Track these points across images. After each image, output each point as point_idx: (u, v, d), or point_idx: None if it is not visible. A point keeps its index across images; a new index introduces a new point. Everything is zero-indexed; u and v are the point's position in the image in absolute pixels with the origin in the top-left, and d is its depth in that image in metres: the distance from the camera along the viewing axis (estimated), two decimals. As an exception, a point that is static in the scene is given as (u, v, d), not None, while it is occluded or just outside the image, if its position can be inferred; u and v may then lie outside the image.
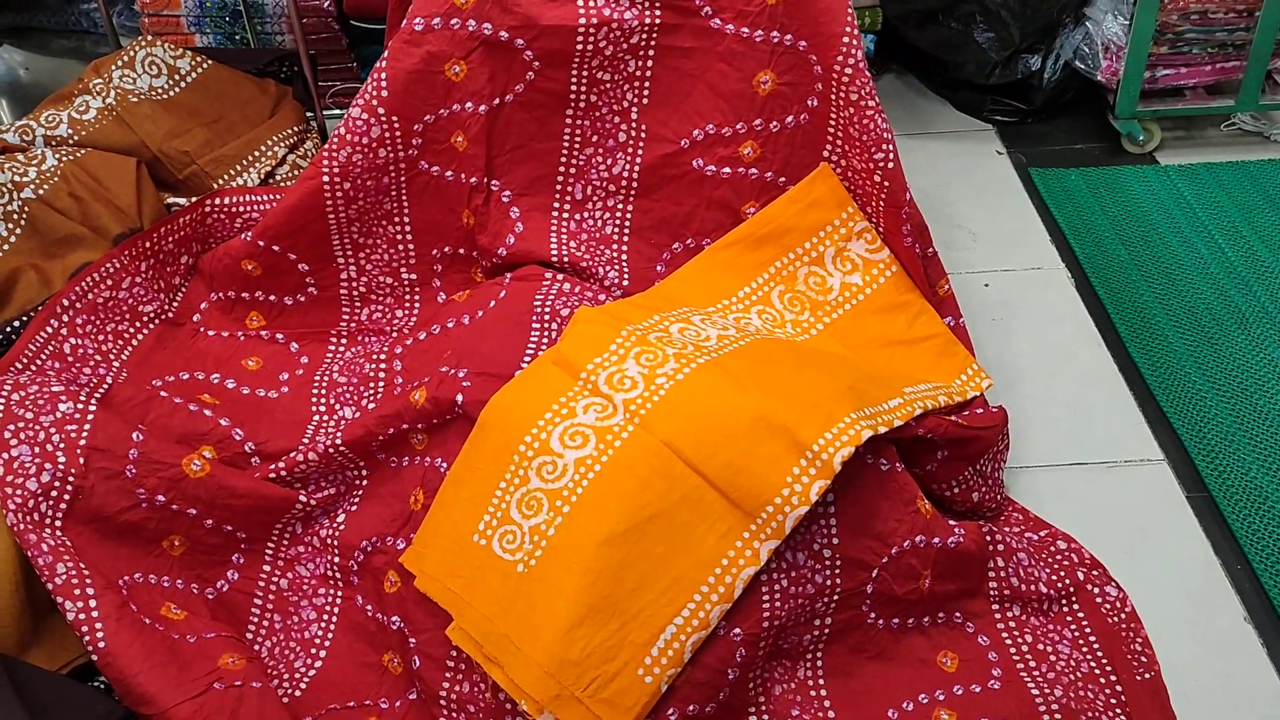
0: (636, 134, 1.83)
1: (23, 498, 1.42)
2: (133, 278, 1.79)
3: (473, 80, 1.75)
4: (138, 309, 1.79)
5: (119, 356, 1.73)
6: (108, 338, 1.74)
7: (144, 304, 1.80)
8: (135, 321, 1.78)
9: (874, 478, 1.48)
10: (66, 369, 1.66)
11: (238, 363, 1.78)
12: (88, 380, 1.64)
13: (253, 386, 1.74)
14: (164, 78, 2.03)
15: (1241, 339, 2.00)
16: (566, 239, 1.87)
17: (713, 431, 1.41)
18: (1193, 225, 2.27)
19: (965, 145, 2.55)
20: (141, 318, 1.79)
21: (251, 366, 1.77)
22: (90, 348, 1.71)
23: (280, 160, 2.02)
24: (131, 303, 1.78)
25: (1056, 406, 1.89)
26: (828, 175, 1.80)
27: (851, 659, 1.50)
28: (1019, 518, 1.70)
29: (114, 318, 1.76)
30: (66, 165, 1.85)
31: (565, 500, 1.41)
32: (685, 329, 1.61)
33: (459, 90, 1.76)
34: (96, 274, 1.75)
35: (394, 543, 1.54)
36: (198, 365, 1.75)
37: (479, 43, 1.73)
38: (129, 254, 1.79)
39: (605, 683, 1.32)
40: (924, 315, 1.78)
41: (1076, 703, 1.46)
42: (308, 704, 1.48)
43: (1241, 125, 2.54)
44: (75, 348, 1.69)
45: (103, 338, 1.73)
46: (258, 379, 1.76)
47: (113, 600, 1.41)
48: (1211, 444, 1.82)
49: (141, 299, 1.80)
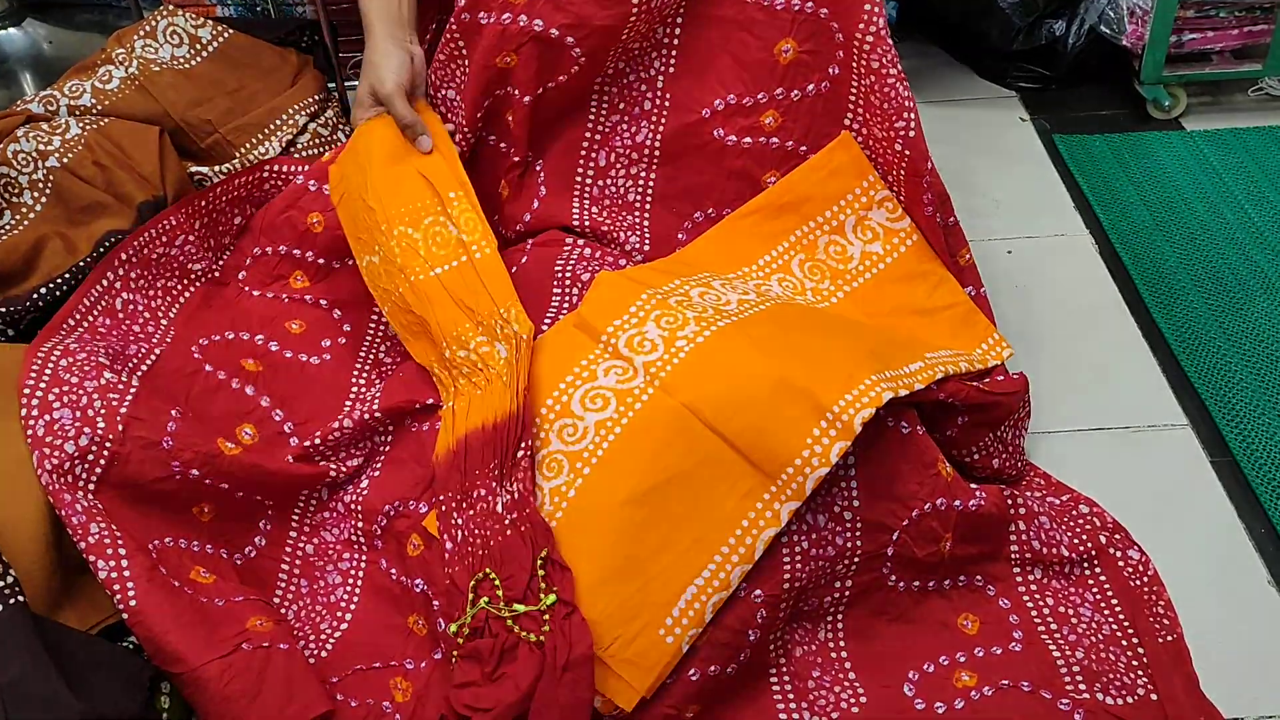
0: (661, 102, 1.83)
1: (59, 459, 1.44)
2: (186, 235, 1.81)
3: (522, 70, 1.76)
4: (188, 266, 1.81)
5: (167, 314, 1.75)
6: (157, 294, 1.76)
7: (194, 261, 1.82)
8: (184, 278, 1.81)
9: (895, 440, 1.48)
10: (117, 325, 1.68)
11: (281, 324, 1.79)
12: (137, 343, 1.66)
13: (295, 350, 1.76)
14: (185, 47, 2.04)
15: (1267, 304, 1.99)
16: (589, 204, 1.87)
17: (733, 393, 1.42)
18: (1219, 191, 2.25)
19: (989, 112, 2.53)
20: (190, 275, 1.81)
21: (295, 330, 1.78)
22: (141, 303, 1.73)
23: (301, 129, 2.02)
24: (182, 260, 1.80)
25: (1080, 372, 1.88)
26: (849, 144, 1.79)
27: (872, 621, 1.51)
28: (1041, 482, 1.70)
29: (164, 274, 1.78)
30: (90, 134, 1.86)
31: (586, 462, 1.41)
32: (706, 293, 1.61)
33: (509, 77, 1.78)
34: (154, 229, 1.77)
35: (416, 506, 1.55)
36: (243, 325, 1.77)
37: (529, 38, 1.73)
38: (185, 212, 1.81)
39: (627, 643, 1.33)
40: (945, 284, 1.77)
41: (1098, 665, 1.46)
42: (334, 665, 1.50)
43: (1269, 90, 2.50)
44: (127, 303, 1.71)
45: (153, 293, 1.75)
46: (301, 343, 1.77)
47: (143, 562, 1.43)
48: (1236, 408, 1.80)
49: (192, 256, 1.82)
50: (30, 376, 1.50)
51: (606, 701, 1.34)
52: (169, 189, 1.86)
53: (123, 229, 1.78)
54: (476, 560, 1.38)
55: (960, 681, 1.46)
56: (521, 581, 1.34)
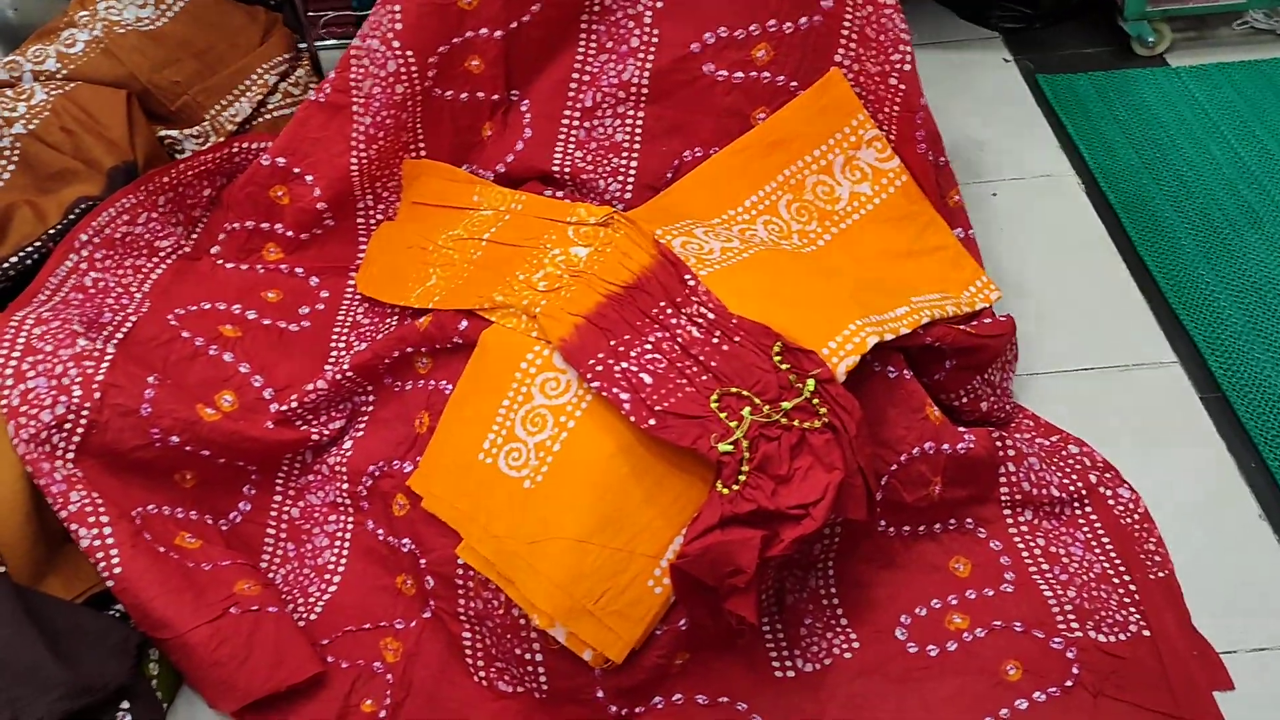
0: (649, 39, 1.79)
1: (36, 429, 1.42)
2: (149, 213, 1.78)
3: (487, 7, 1.72)
4: (154, 244, 1.79)
5: (140, 288, 1.73)
6: (126, 272, 1.74)
7: (161, 239, 1.80)
8: (153, 256, 1.78)
9: (882, 385, 1.47)
10: (89, 299, 1.66)
11: (258, 294, 1.77)
12: (111, 312, 1.64)
13: (273, 318, 1.74)
14: (150, 8, 1.99)
15: (1255, 239, 1.97)
16: (573, 149, 1.84)
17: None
18: (1205, 126, 2.22)
19: (971, 54, 2.49)
20: (159, 253, 1.79)
21: (272, 299, 1.77)
22: (111, 280, 1.71)
23: (272, 89, 1.98)
24: (148, 238, 1.78)
25: (1068, 313, 1.87)
26: (839, 81, 1.76)
27: (863, 567, 1.50)
28: (1030, 424, 1.69)
29: (131, 253, 1.76)
30: (56, 99, 1.82)
31: (570, 415, 1.40)
32: (688, 243, 1.59)
33: (473, 18, 1.73)
34: (114, 209, 1.74)
35: (400, 466, 1.54)
36: (219, 296, 1.75)
37: None
38: (146, 189, 1.78)
39: (616, 594, 1.32)
40: (933, 226, 1.75)
41: (1090, 603, 1.46)
42: (324, 627, 1.50)
43: (1254, 23, 2.47)
44: (96, 280, 1.69)
45: (121, 272, 1.73)
46: (278, 311, 1.75)
47: (126, 529, 1.42)
48: (1225, 344, 1.79)
49: (158, 234, 1.79)
50: (3, 346, 1.48)
51: (597, 654, 1.33)
52: (139, 153, 1.83)
53: (93, 195, 1.75)
54: (700, 387, 1.36)
55: (952, 624, 1.46)
56: (773, 383, 1.35)
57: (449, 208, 1.77)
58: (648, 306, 1.44)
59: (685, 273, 1.47)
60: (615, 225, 1.58)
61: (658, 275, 1.47)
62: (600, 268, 1.51)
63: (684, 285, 1.46)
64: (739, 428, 1.31)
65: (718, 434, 1.31)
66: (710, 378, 1.36)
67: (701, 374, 1.37)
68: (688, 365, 1.38)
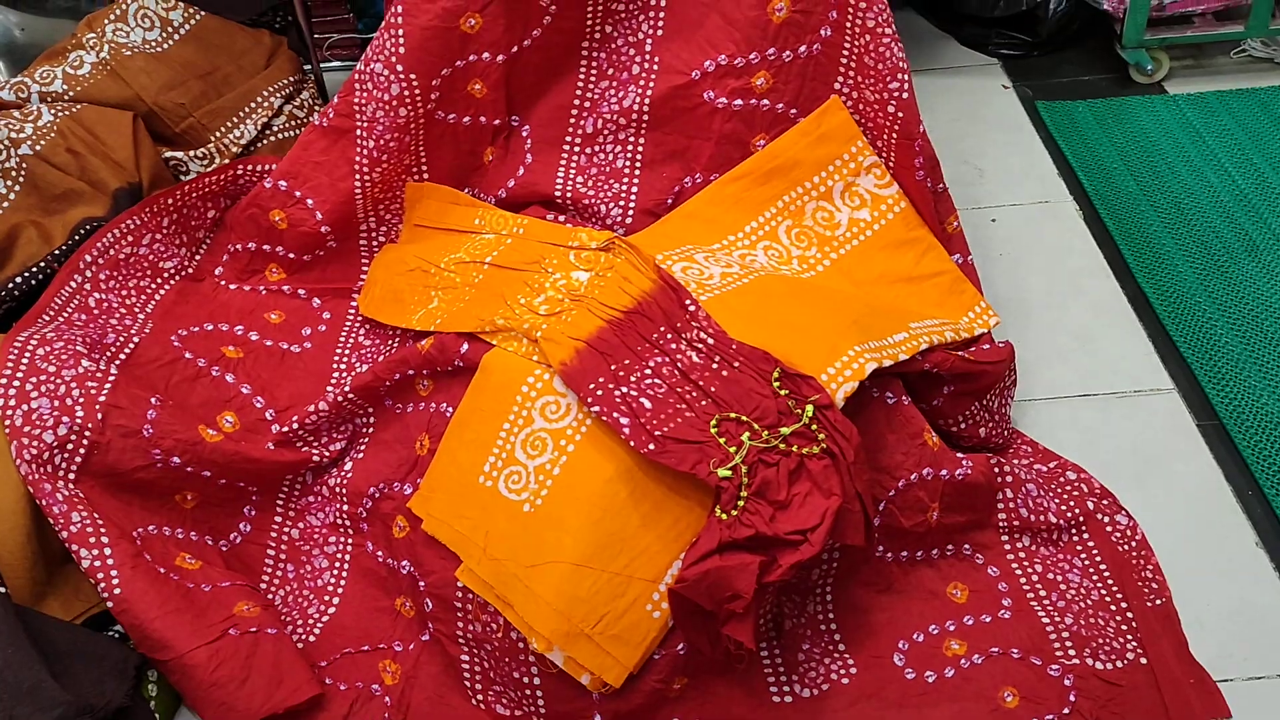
0: (649, 66, 1.81)
1: (38, 449, 1.43)
2: (154, 234, 1.80)
3: (489, 32, 1.74)
4: (158, 265, 1.80)
5: (143, 309, 1.74)
6: (131, 292, 1.75)
7: (164, 260, 1.81)
8: (156, 277, 1.79)
9: (880, 411, 1.48)
10: (93, 320, 1.67)
11: (260, 315, 1.78)
12: (115, 333, 1.65)
13: (275, 340, 1.75)
14: (157, 30, 2.01)
15: (1252, 267, 1.98)
16: (574, 174, 1.85)
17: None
18: (1202, 154, 2.24)
19: (971, 80, 2.52)
20: (162, 274, 1.80)
21: (274, 320, 1.78)
22: (115, 301, 1.72)
23: (277, 111, 2.00)
24: (152, 259, 1.79)
25: (1066, 339, 1.88)
26: (838, 108, 1.78)
27: (861, 592, 1.51)
28: (1028, 450, 1.70)
29: (135, 273, 1.77)
30: (63, 121, 1.84)
31: (569, 439, 1.40)
32: (689, 268, 1.60)
33: (475, 42, 1.75)
34: (118, 229, 1.75)
35: (401, 488, 1.54)
36: (221, 317, 1.76)
37: None
38: (150, 210, 1.80)
39: (615, 619, 1.33)
40: (932, 252, 1.76)
41: (1087, 630, 1.46)
42: (322, 649, 1.50)
43: (1251, 51, 2.49)
44: (100, 301, 1.70)
45: (125, 292, 1.74)
46: (280, 332, 1.76)
47: (127, 550, 1.42)
48: (1222, 372, 1.80)
49: (162, 255, 1.81)
50: (7, 366, 1.49)
51: (595, 678, 1.33)
52: (144, 175, 1.84)
53: (99, 216, 1.77)
54: (699, 412, 1.37)
55: (950, 650, 1.46)
56: (772, 409, 1.35)
57: (451, 231, 1.78)
58: (648, 331, 1.45)
59: (685, 298, 1.48)
60: (616, 250, 1.59)
61: (658, 300, 1.48)
62: (601, 292, 1.52)
63: (684, 310, 1.47)
64: (738, 453, 1.31)
65: (717, 459, 1.31)
66: (709, 403, 1.37)
67: (701, 399, 1.37)
68: (687, 390, 1.39)
